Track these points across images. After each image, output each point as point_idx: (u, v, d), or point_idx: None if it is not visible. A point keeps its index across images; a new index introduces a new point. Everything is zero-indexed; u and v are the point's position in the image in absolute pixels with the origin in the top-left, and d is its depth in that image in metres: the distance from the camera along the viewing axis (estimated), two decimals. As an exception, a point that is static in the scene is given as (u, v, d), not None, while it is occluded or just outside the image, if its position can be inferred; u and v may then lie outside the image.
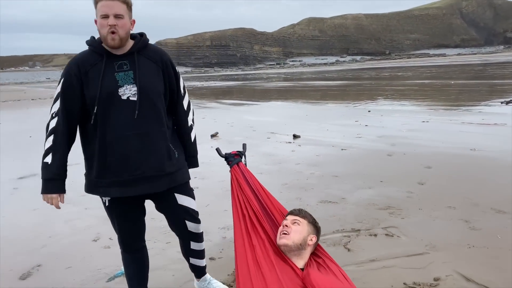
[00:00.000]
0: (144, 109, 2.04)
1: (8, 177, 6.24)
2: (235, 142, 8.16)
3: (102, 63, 2.04)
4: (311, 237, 2.21)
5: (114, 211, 2.23)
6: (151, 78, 2.10)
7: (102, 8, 1.98)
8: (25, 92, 36.79)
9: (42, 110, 17.83)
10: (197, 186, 5.28)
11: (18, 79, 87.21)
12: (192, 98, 12.10)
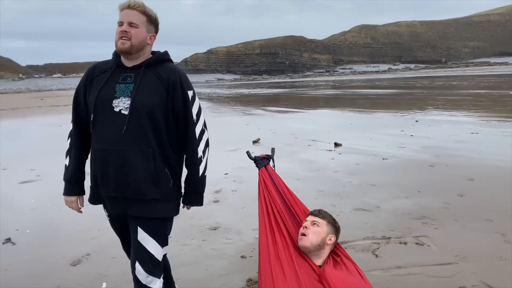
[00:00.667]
0: (132, 125, 1.92)
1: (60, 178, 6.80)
2: (276, 149, 8.34)
3: (110, 72, 2.03)
4: (329, 237, 2.34)
5: (113, 223, 2.24)
6: (148, 95, 1.96)
7: (120, 16, 1.99)
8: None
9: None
10: (235, 189, 5.53)
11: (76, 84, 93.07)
12: (238, 105, 12.61)
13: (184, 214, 4.51)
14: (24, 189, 6.13)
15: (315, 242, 2.26)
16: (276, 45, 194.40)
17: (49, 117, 18.19)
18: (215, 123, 13.18)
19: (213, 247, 3.69)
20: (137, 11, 1.99)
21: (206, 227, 4.16)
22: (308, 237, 2.27)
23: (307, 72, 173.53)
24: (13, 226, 4.42)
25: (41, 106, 26.56)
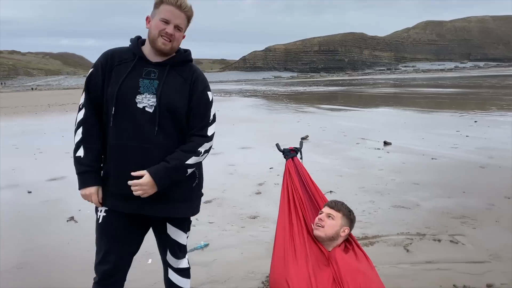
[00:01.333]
0: (158, 123, 1.88)
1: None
2: (323, 146, 8.43)
3: (132, 63, 1.93)
4: (343, 229, 2.45)
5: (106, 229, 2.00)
6: (174, 94, 1.92)
7: (167, 13, 1.89)
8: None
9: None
10: (278, 183, 5.72)
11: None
12: (291, 103, 12.90)
13: (227, 202, 4.83)
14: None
15: (330, 234, 2.39)
16: (336, 42, 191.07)
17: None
18: (267, 120, 13.45)
19: (251, 234, 3.92)
20: (185, 14, 1.93)
21: (246, 216, 4.41)
22: (323, 229, 2.40)
23: (367, 69, 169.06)
24: (76, 207, 4.94)
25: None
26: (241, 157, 7.61)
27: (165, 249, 2.17)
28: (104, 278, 2.01)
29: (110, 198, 1.97)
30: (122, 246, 2.02)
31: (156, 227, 2.12)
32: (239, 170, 6.53)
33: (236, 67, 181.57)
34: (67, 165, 7.54)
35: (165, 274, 2.25)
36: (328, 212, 2.46)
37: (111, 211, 1.98)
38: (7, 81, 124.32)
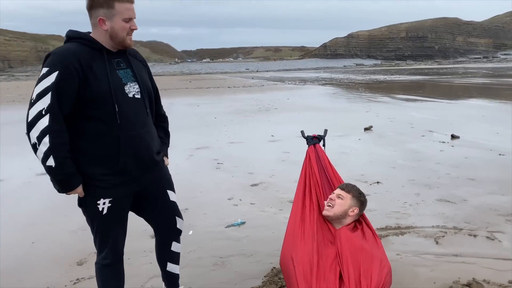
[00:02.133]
0: (147, 106, 2.14)
1: (188, 147, 7.98)
2: (385, 137, 8.30)
3: (104, 59, 1.99)
4: (353, 209, 2.60)
5: (113, 217, 2.12)
6: (145, 77, 2.18)
7: (128, 12, 1.98)
8: (225, 80, 42.20)
9: (233, 97, 20.71)
10: (327, 171, 5.85)
11: (223, 69, 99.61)
12: (366, 92, 12.85)
13: (272, 187, 5.10)
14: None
15: (338, 213, 2.56)
16: (425, 28, 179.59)
17: (191, 98, 20.57)
18: (334, 109, 13.39)
19: (286, 216, 4.14)
20: (133, 4, 2.03)
21: (286, 200, 4.64)
22: (331, 208, 2.58)
23: (460, 58, 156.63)
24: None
25: (187, 88, 29.91)
26: (297, 146, 7.79)
27: (173, 217, 2.38)
28: (117, 261, 2.24)
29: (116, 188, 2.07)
30: (125, 228, 2.25)
31: (158, 200, 2.31)
32: (291, 158, 6.75)
33: (316, 54, 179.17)
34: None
35: (167, 249, 2.43)
36: (339, 193, 2.63)
37: (115, 200, 2.08)
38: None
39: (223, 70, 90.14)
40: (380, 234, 3.59)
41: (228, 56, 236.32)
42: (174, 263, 2.53)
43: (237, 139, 8.63)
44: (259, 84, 31.51)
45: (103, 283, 2.25)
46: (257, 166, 6.27)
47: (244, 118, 12.04)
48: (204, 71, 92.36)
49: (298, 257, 2.31)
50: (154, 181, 2.25)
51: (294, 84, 30.36)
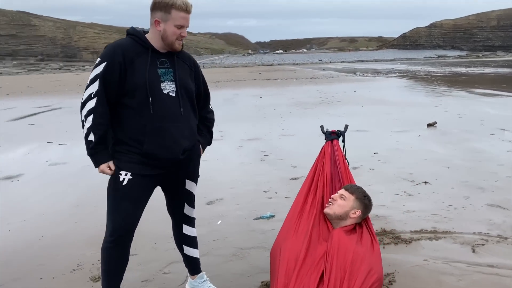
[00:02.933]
0: (181, 105, 2.29)
1: (240, 138, 8.10)
2: (448, 134, 7.77)
3: (148, 56, 2.22)
4: (354, 210, 2.48)
5: (130, 190, 2.26)
6: (187, 79, 2.35)
7: (181, 20, 2.20)
8: (295, 72, 41.97)
9: (298, 88, 20.57)
10: (373, 168, 5.64)
11: (296, 60, 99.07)
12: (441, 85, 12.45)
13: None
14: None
15: (338, 213, 2.47)
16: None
17: (257, 89, 20.79)
18: (401, 103, 12.76)
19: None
20: (189, 15, 2.24)
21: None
22: (332, 206, 2.49)
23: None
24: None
25: (256, 79, 30.25)
26: (350, 140, 7.57)
27: (183, 203, 2.55)
28: (124, 237, 2.32)
29: (139, 165, 2.24)
30: (137, 209, 2.33)
31: (174, 186, 2.49)
32: (341, 152, 6.57)
33: (394, 45, 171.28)
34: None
35: (179, 230, 2.60)
36: (342, 193, 2.54)
37: (136, 176, 2.24)
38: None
39: (295, 61, 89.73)
40: (412, 238, 3.42)
41: (302, 47, 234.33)
42: (190, 247, 2.66)
43: (290, 131, 8.59)
44: (329, 76, 30.93)
45: (106, 262, 2.37)
46: (302, 160, 6.18)
47: (303, 111, 11.92)
48: (276, 62, 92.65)
49: (286, 251, 2.28)
50: (176, 171, 2.40)
51: (366, 76, 29.40)
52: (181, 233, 2.61)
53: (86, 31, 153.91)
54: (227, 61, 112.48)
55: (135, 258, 3.25)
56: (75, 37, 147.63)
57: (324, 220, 2.52)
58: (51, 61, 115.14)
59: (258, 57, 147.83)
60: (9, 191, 5.10)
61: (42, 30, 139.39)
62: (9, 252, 3.41)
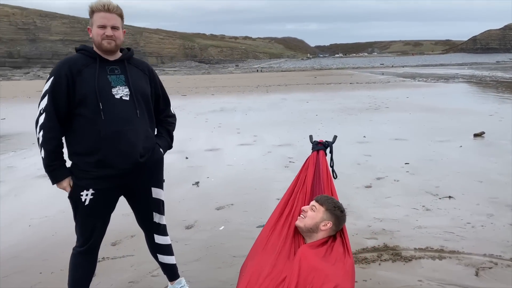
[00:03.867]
0: (137, 108, 2.31)
1: (271, 143, 8.09)
2: (494, 145, 7.23)
3: (96, 65, 2.26)
4: (325, 222, 2.37)
5: (94, 208, 2.30)
6: (141, 83, 2.38)
7: (100, 20, 2.24)
8: (351, 76, 41.07)
9: (348, 93, 20.13)
10: (399, 179, 5.38)
11: (356, 64, 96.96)
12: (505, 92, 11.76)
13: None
14: (239, 149, 7.74)
15: (308, 225, 2.38)
16: None
17: (305, 94, 20.63)
18: (452, 111, 12.06)
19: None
20: (115, 14, 2.27)
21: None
22: (303, 219, 2.41)
23: None
24: (206, 174, 5.88)
25: (308, 84, 30.03)
26: (382, 149, 7.30)
27: (151, 212, 2.53)
28: (92, 249, 2.41)
29: (99, 180, 2.26)
30: (104, 222, 2.42)
31: (140, 196, 2.47)
32: (369, 162, 6.36)
33: (462, 48, 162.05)
34: (232, 139, 8.78)
35: (151, 240, 2.61)
36: (313, 204, 2.45)
37: (98, 192, 2.27)
38: (239, 63, 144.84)
39: (355, 65, 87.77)
40: (414, 256, 3.23)
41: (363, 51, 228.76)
42: (164, 255, 2.67)
43: (324, 138, 8.41)
44: (385, 81, 29.96)
45: (73, 269, 2.44)
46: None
47: (346, 117, 11.66)
48: (335, 66, 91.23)
49: (252, 267, 2.23)
50: (138, 177, 2.39)
51: (425, 81, 28.10)
52: (154, 243, 2.62)
53: (151, 36, 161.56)
54: (284, 65, 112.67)
55: (130, 259, 3.38)
56: (141, 42, 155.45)
57: (297, 233, 2.45)
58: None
59: (317, 61, 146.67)
60: (42, 187, 5.48)
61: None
62: (22, 246, 3.68)
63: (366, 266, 3.12)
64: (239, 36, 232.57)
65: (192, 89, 27.60)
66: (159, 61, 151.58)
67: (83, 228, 2.37)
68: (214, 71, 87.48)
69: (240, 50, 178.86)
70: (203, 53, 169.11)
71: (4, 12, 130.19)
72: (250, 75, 55.06)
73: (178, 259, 3.19)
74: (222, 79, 44.41)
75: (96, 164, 2.25)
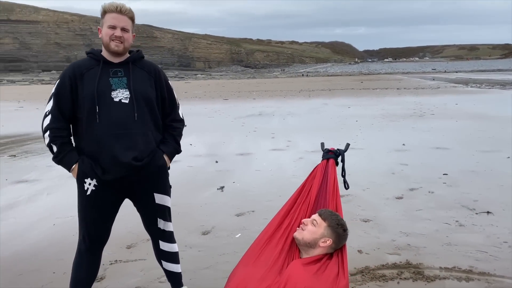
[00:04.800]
0: (136, 111, 2.28)
1: (305, 149, 7.91)
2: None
3: (99, 68, 2.29)
4: (325, 239, 2.21)
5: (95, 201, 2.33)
6: (143, 86, 2.34)
7: (112, 20, 2.26)
8: (400, 81, 39.73)
9: (393, 99, 19.47)
10: (433, 191, 5.06)
11: (406, 69, 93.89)
12: None
13: (356, 200, 4.66)
14: (270, 154, 7.63)
15: (306, 240, 2.22)
16: None
17: (348, 99, 20.18)
18: (503, 119, 11.27)
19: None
20: (127, 17, 2.30)
21: (360, 218, 4.21)
22: (302, 232, 2.26)
23: None
24: (232, 179, 5.82)
25: (353, 89, 29.41)
26: (419, 157, 6.92)
27: (155, 219, 2.51)
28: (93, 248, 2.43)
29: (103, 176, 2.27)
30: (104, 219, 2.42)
31: (142, 202, 2.47)
32: (405, 171, 6.04)
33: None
34: (265, 143, 8.70)
35: (156, 246, 2.60)
36: (315, 218, 2.30)
37: (100, 185, 2.29)
38: (285, 67, 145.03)
39: (404, 70, 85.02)
40: (438, 275, 2.99)
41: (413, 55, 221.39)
42: (169, 262, 2.64)
43: (361, 145, 8.14)
44: (435, 86, 28.74)
45: (74, 268, 2.46)
46: (359, 176, 5.82)
47: (387, 123, 11.24)
48: (384, 71, 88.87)
49: (238, 277, 2.11)
50: (139, 182, 2.38)
51: (478, 88, 26.67)
52: (159, 249, 2.59)
53: (200, 42, 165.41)
54: (331, 70, 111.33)
55: (142, 263, 3.36)
56: (190, 47, 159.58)
57: (294, 246, 2.31)
58: (168, 69, 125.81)
59: (365, 65, 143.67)
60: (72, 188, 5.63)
61: (162, 42, 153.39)
62: (43, 243, 3.78)
63: (383, 284, 2.91)
64: (285, 41, 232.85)
65: (235, 93, 27.83)
66: (207, 66, 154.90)
67: (85, 221, 2.39)
68: (260, 75, 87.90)
69: (286, 54, 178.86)
70: (249, 57, 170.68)
71: (64, 19, 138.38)
72: (295, 80, 54.85)
73: (189, 265, 3.18)
74: (266, 83, 44.54)
75: (96, 167, 2.28)
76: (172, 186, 2.59)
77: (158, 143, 2.43)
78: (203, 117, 14.00)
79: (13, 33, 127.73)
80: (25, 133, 11.19)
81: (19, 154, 8.22)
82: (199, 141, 9.01)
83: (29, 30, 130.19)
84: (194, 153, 7.79)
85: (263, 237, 2.37)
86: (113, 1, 2.29)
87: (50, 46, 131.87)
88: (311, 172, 2.74)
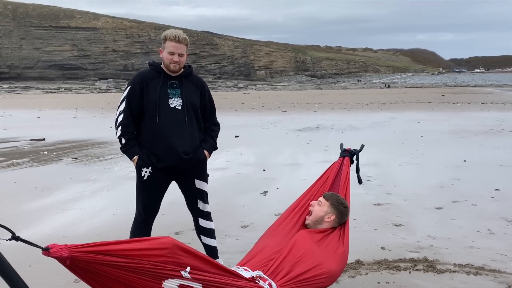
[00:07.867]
0: (186, 116, 3.24)
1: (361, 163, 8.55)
2: None
3: (160, 79, 3.23)
4: (329, 215, 2.97)
5: (150, 184, 3.28)
6: (192, 96, 3.31)
7: (171, 48, 3.14)
8: (489, 95, 38.35)
9: (472, 114, 19.30)
10: (476, 203, 5.56)
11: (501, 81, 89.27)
12: None
13: (393, 208, 5.30)
14: (319, 166, 8.34)
15: (314, 219, 3.00)
16: None
17: (419, 113, 20.27)
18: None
19: (385, 235, 4.49)
20: (183, 44, 3.19)
21: (392, 223, 4.87)
22: (310, 216, 3.04)
23: None
24: (276, 185, 6.67)
25: (430, 102, 29.15)
26: (476, 173, 7.34)
27: (195, 199, 3.47)
28: (149, 216, 3.41)
29: (156, 164, 3.25)
30: (157, 197, 3.39)
31: (185, 185, 3.45)
32: (456, 185, 6.55)
33: None
34: (316, 155, 9.46)
35: (196, 223, 3.54)
36: (320, 199, 3.09)
37: (154, 170, 3.25)
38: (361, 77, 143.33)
39: (499, 83, 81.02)
40: (449, 269, 3.63)
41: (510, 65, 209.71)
42: (207, 237, 3.56)
43: (418, 160, 8.67)
44: (529, 102, 27.74)
45: (132, 233, 3.45)
46: (404, 187, 6.45)
47: (455, 139, 11.54)
48: (473, 83, 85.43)
49: (260, 245, 2.94)
50: (184, 170, 3.35)
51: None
52: (198, 225, 3.53)
53: (262, 49, 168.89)
54: (410, 81, 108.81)
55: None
56: (251, 55, 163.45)
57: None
58: (227, 79, 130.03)
59: (451, 76, 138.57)
60: (129, 186, 6.77)
61: (222, 49, 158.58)
62: (105, 229, 4.86)
63: (396, 272, 3.61)
64: (358, 48, 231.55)
65: (295, 105, 28.78)
66: (268, 75, 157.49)
67: (141, 198, 3.39)
68: (326, 86, 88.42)
69: (358, 63, 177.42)
70: (315, 66, 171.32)
71: (123, 26, 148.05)
72: (366, 91, 54.80)
73: (226, 249, 4.07)
74: (332, 95, 45.11)
75: (152, 156, 3.26)
76: (218, 189, 3.61)
77: (200, 141, 3.39)
78: (257, 128, 15.07)
79: (72, 40, 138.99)
80: (84, 139, 12.85)
81: (80, 158, 9.68)
82: (250, 151, 10.01)
83: (88, 37, 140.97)
84: (243, 161, 8.78)
85: (284, 214, 3.22)
86: (173, 31, 3.20)
87: (107, 53, 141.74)
88: (330, 166, 3.55)
